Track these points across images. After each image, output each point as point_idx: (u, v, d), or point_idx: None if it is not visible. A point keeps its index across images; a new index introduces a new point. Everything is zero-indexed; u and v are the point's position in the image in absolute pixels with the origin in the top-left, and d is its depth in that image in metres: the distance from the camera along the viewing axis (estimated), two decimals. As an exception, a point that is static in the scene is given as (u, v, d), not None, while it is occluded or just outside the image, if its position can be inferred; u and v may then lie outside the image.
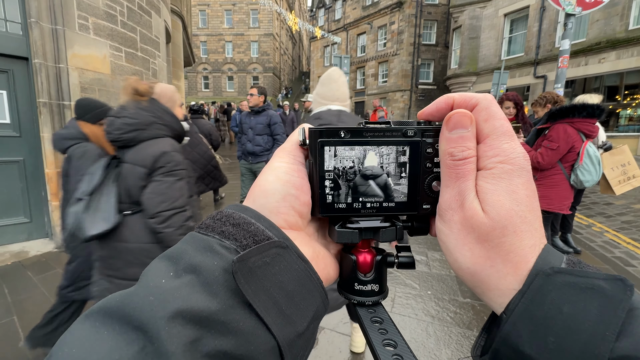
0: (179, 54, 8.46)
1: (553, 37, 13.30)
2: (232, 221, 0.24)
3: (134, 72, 4.68)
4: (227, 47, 34.27)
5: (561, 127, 2.30)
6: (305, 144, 0.28)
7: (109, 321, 0.19)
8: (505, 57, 14.97)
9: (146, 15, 4.95)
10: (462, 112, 0.25)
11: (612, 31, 11.32)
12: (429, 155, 0.27)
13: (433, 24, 20.61)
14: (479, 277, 0.23)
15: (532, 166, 2.47)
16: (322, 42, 27.32)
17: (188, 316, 0.19)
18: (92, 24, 3.96)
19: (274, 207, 0.26)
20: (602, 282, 0.20)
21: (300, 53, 50.68)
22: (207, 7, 33.28)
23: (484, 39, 16.08)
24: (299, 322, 0.23)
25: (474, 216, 0.23)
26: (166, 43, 6.78)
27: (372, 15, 22.53)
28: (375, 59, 22.74)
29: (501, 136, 0.24)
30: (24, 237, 3.72)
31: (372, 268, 0.29)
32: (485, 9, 15.86)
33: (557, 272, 0.21)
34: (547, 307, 0.20)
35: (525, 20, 14.46)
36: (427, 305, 2.54)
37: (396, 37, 21.00)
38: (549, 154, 2.32)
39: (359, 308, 0.29)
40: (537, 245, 0.22)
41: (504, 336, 0.21)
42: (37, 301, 2.56)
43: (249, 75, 34.22)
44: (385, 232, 0.28)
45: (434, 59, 20.88)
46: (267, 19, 33.42)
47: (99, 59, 4.09)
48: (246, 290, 0.21)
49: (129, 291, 0.20)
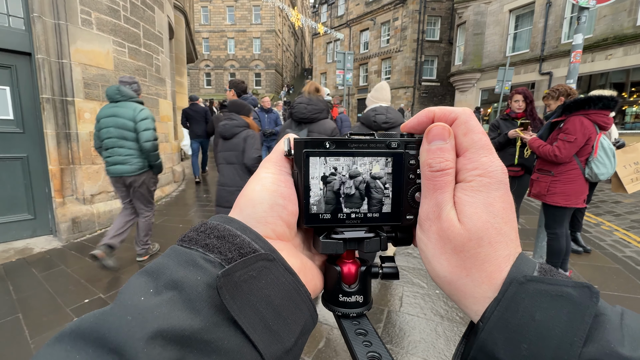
0: (181, 50, 8.41)
1: (559, 33, 13.12)
2: (216, 233, 0.24)
3: (137, 68, 4.64)
4: (229, 43, 34.16)
5: (577, 119, 2.25)
6: (290, 154, 0.27)
7: (82, 344, 0.17)
8: (510, 54, 14.81)
9: (149, 11, 4.90)
10: (441, 125, 0.25)
11: (619, 27, 11.15)
12: (412, 166, 0.27)
13: (437, 20, 20.41)
14: (455, 285, 0.24)
15: (549, 161, 2.42)
16: (325, 38, 27.16)
17: (169, 336, 0.18)
18: (95, 18, 3.91)
19: (262, 217, 0.26)
20: (571, 290, 0.20)
21: (302, 50, 50.46)
22: (209, 3, 33.15)
23: (488, 35, 15.90)
24: (286, 338, 0.22)
25: (450, 227, 0.24)
26: (169, 39, 6.73)
27: (375, 12, 22.34)
28: (378, 55, 22.58)
29: (480, 150, 0.24)
30: (28, 234, 3.71)
31: (357, 279, 0.29)
32: (490, 5, 15.66)
33: (529, 280, 0.21)
34: (520, 314, 0.21)
35: (530, 16, 14.27)
36: (435, 304, 2.50)
37: (399, 33, 20.82)
38: (566, 147, 2.27)
39: (343, 320, 0.29)
40: (512, 255, 0.23)
41: (480, 344, 0.22)
42: (41, 298, 2.54)
43: (251, 72, 34.12)
44: (370, 242, 0.28)
45: (438, 55, 20.70)
46: (269, 15, 33.25)
47: (102, 55, 4.06)
48: (231, 307, 0.20)
49: (104, 310, 0.19)
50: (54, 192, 3.71)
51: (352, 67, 10.55)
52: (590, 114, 2.24)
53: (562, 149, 2.29)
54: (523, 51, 14.60)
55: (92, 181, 4.04)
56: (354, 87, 23.98)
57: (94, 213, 4.01)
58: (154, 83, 5.12)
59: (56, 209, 3.72)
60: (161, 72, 5.41)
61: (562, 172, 2.42)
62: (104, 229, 4.11)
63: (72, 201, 3.87)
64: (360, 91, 24.07)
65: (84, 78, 3.87)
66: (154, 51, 5.08)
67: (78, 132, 3.85)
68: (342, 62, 10.32)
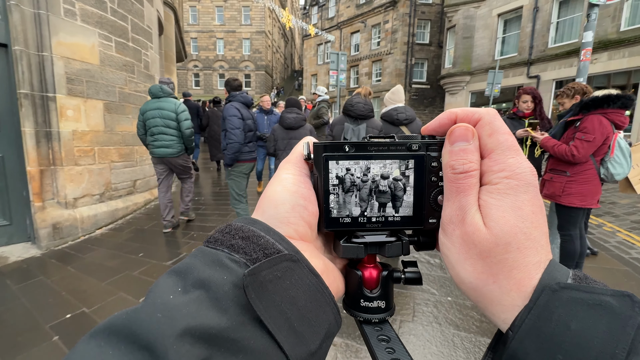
0: (171, 47, 8.13)
1: (546, 37, 13.43)
2: (241, 234, 0.24)
3: (124, 64, 4.38)
4: (219, 44, 33.68)
5: (595, 118, 2.17)
6: (310, 158, 0.27)
7: (115, 340, 0.18)
8: (499, 57, 15.06)
9: (138, 4, 4.65)
10: (464, 126, 0.25)
11: (604, 32, 11.46)
12: (434, 169, 0.27)
13: (427, 23, 20.63)
14: (481, 292, 0.23)
15: (565, 161, 2.34)
16: (315, 40, 27.10)
17: (197, 334, 0.18)
18: (80, 9, 3.65)
19: (284, 218, 0.26)
20: (610, 299, 0.19)
21: (292, 51, 50.31)
22: (198, 3, 32.62)
23: (477, 38, 16.15)
24: (311, 340, 0.22)
25: (475, 232, 0.23)
26: (159, 35, 6.46)
27: (366, 14, 22.43)
28: (369, 57, 22.65)
29: (506, 151, 0.24)
30: (3, 241, 3.40)
31: (379, 284, 0.29)
32: (479, 9, 15.92)
33: (563, 288, 0.20)
34: (554, 323, 0.20)
35: (518, 21, 14.56)
36: (449, 312, 2.37)
37: (390, 36, 20.95)
38: (584, 146, 2.19)
39: (365, 326, 0.28)
40: (542, 262, 0.22)
41: (511, 353, 0.21)
42: (17, 314, 2.28)
43: (240, 72, 33.70)
44: (391, 246, 0.28)
45: (428, 58, 20.91)
46: (259, 16, 32.99)
47: (87, 48, 3.79)
48: (257, 306, 0.20)
49: (135, 308, 0.19)
50: (33, 195, 3.41)
51: (345, 67, 10.47)
52: (609, 113, 2.18)
53: (580, 148, 2.21)
54: (511, 55, 14.88)
55: (75, 183, 3.75)
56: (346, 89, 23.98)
57: (76, 218, 3.72)
58: (143, 80, 4.86)
59: (35, 213, 3.42)
60: (150, 68, 5.15)
61: (578, 172, 2.34)
62: (88, 234, 3.83)
63: (53, 205, 3.58)
64: (352, 93, 24.06)
65: (67, 73, 3.59)
66: (142, 46, 4.82)
67: (60, 130, 3.57)
68: (336, 62, 10.22)
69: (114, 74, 4.20)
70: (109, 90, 4.14)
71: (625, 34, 10.91)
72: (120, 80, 4.33)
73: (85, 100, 3.83)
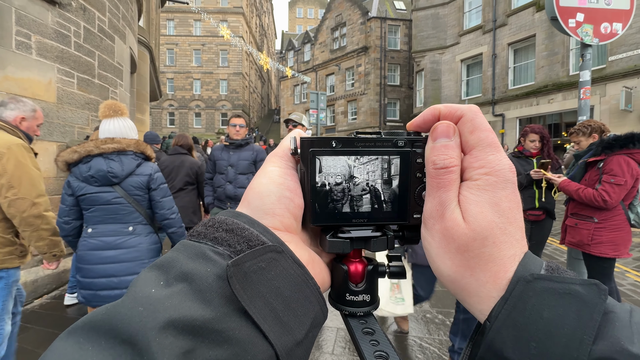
0: (144, 86, 7.77)
1: (506, 80, 14.64)
2: (224, 227, 0.24)
3: (88, 102, 3.91)
4: (195, 84, 33.92)
5: (622, 159, 2.01)
6: (296, 153, 0.27)
7: (95, 336, 0.17)
8: (465, 97, 16.13)
9: (108, 39, 4.32)
10: (446, 123, 0.25)
11: (556, 76, 12.69)
12: (419, 165, 0.27)
13: (396, 67, 22.11)
14: (460, 284, 0.24)
15: (594, 206, 2.10)
16: (292, 81, 28.05)
17: (180, 326, 0.18)
18: (36, 42, 3.24)
19: (270, 209, 0.26)
20: (579, 287, 0.20)
21: (269, 92, 51.80)
22: (176, 46, 33.24)
23: (444, 81, 17.36)
24: (297, 329, 0.22)
25: (454, 227, 0.23)
26: (131, 73, 6.10)
27: (340, 58, 23.74)
28: (344, 97, 23.57)
29: (487, 147, 0.24)
30: None
31: (364, 278, 0.29)
32: (443, 55, 17.32)
33: (536, 279, 0.21)
34: (528, 312, 0.20)
35: (480, 65, 15.89)
36: None
37: (363, 78, 22.11)
38: (615, 191, 1.99)
39: (350, 319, 0.29)
40: (517, 255, 0.22)
41: (488, 343, 0.21)
42: None
43: (217, 111, 33.75)
44: (377, 241, 0.28)
45: (400, 98, 22.11)
46: (236, 59, 34.00)
47: (42, 84, 3.32)
48: (241, 296, 0.20)
49: (115, 303, 0.19)
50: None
51: (325, 106, 10.58)
52: (634, 153, 2.01)
53: (612, 193, 2.00)
54: (476, 95, 16.00)
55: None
56: (322, 127, 24.48)
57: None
58: (109, 119, 4.38)
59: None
60: (119, 107, 4.70)
61: (607, 218, 2.12)
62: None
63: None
64: (328, 131, 24.58)
65: (13, 111, 3.07)
66: (111, 84, 4.41)
67: None
68: (316, 102, 10.31)
69: (73, 112, 3.71)
70: (66, 130, 3.61)
71: (574, 77, 12.09)
72: (81, 120, 3.83)
73: (35, 142, 3.26)
